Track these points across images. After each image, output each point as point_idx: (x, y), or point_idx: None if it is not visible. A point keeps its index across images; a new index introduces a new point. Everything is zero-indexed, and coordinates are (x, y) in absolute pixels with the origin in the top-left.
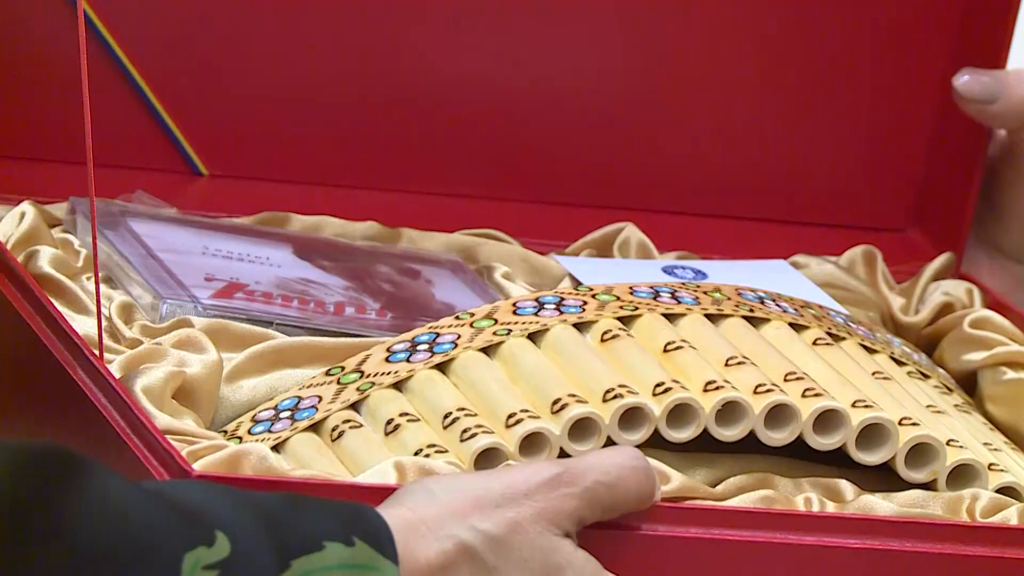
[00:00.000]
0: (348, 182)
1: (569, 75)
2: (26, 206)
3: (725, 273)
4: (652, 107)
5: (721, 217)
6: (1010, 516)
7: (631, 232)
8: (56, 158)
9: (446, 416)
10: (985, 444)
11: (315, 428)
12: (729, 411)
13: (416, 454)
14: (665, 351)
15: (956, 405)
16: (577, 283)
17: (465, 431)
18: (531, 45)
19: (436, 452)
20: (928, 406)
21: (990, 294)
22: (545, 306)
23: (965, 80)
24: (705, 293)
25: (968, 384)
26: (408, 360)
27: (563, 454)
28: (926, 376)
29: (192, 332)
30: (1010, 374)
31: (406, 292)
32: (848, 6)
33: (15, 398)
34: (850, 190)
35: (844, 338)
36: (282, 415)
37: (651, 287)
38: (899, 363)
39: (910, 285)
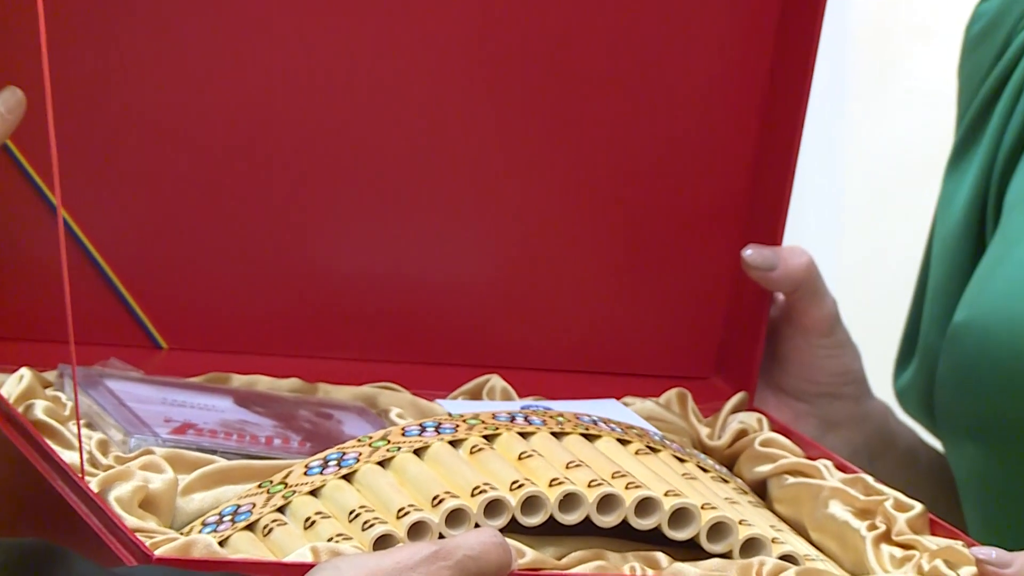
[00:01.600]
0: (276, 351)
1: (447, 270)
2: (24, 371)
3: (569, 409)
4: (508, 289)
5: (564, 371)
6: (789, 575)
7: (496, 382)
8: (47, 337)
9: (351, 513)
10: (771, 527)
11: (251, 527)
12: (569, 501)
13: (328, 541)
14: (519, 459)
15: (750, 501)
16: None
17: (365, 523)
18: (418, 243)
19: (343, 539)
20: (726, 498)
21: (775, 422)
22: (427, 429)
23: (750, 253)
24: (551, 417)
25: (759, 490)
26: (321, 473)
27: (442, 537)
28: (726, 481)
29: (154, 458)
30: (791, 480)
31: (321, 429)
32: (653, 198)
33: (17, 513)
34: (665, 347)
35: (660, 450)
36: (224, 519)
37: (508, 413)
38: (704, 470)
39: (714, 418)
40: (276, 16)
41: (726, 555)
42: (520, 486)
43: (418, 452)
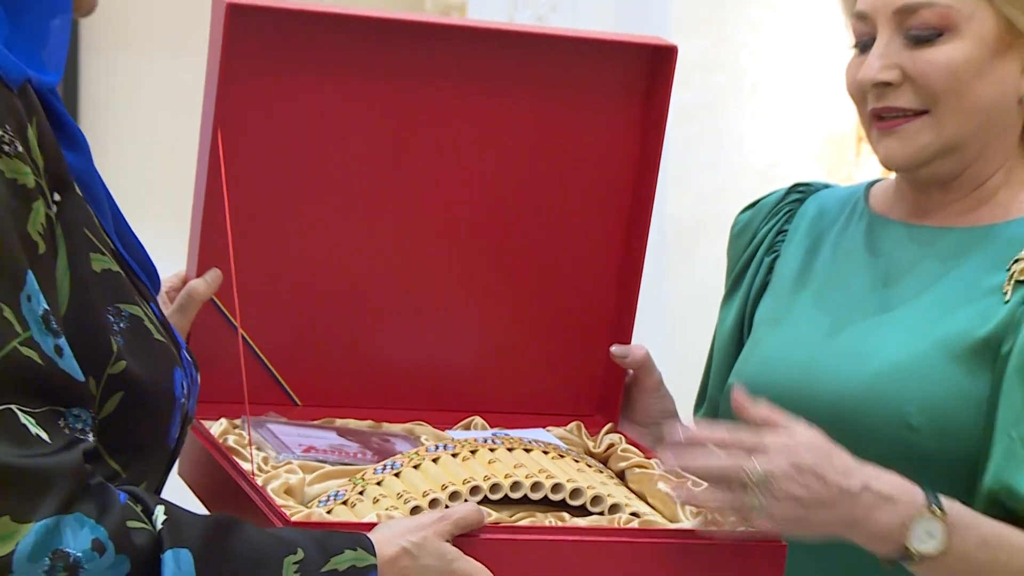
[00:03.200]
0: (359, 405)
1: (450, 359)
2: (222, 420)
3: (516, 435)
4: (482, 369)
5: (513, 413)
6: (634, 524)
7: (477, 420)
8: (233, 400)
9: (398, 494)
10: (626, 497)
11: (344, 503)
12: (516, 486)
13: (385, 510)
14: (489, 463)
15: (615, 483)
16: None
17: (405, 500)
18: (434, 342)
19: (394, 509)
20: (601, 482)
21: (629, 439)
22: (439, 447)
23: (615, 349)
24: (506, 440)
25: (620, 477)
26: (383, 472)
27: (446, 507)
28: (602, 472)
29: (292, 465)
30: (638, 470)
31: (383, 448)
32: (563, 320)
33: (215, 499)
34: (569, 398)
35: (565, 456)
36: (330, 499)
37: (484, 438)
38: (589, 466)
39: (596, 437)
40: (358, 220)
41: (601, 514)
42: (488, 478)
43: (435, 460)
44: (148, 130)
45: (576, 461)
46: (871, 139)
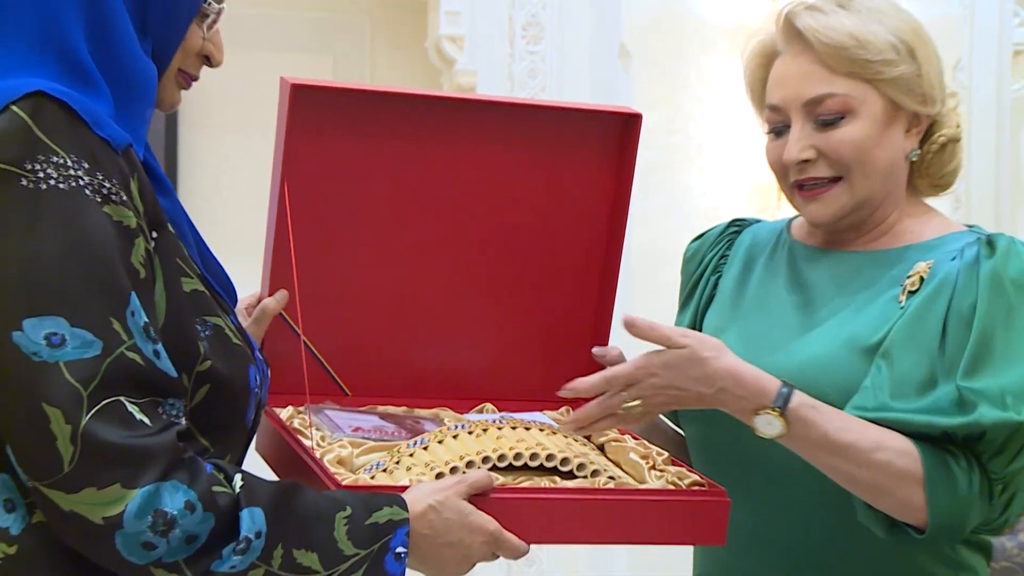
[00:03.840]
0: (397, 395)
1: (468, 359)
2: (289, 407)
3: (519, 417)
4: (494, 366)
5: (517, 400)
6: (611, 485)
7: (488, 406)
8: (297, 391)
9: (425, 463)
10: (605, 464)
11: (384, 471)
12: (518, 456)
13: (416, 476)
14: (497, 439)
15: (596, 453)
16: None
17: (432, 468)
18: (454, 347)
19: (422, 475)
20: (584, 452)
21: None
22: (458, 426)
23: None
24: (511, 420)
25: (600, 449)
26: (414, 447)
27: (463, 473)
28: (585, 445)
29: (343, 442)
30: (614, 444)
31: (415, 428)
32: (560, 328)
33: (284, 469)
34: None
35: (556, 433)
36: (373, 468)
37: (493, 420)
38: (576, 440)
39: None
40: (395, 245)
41: (585, 477)
42: (496, 450)
43: (455, 437)
44: (231, 186)
45: (565, 437)
46: (795, 204)
